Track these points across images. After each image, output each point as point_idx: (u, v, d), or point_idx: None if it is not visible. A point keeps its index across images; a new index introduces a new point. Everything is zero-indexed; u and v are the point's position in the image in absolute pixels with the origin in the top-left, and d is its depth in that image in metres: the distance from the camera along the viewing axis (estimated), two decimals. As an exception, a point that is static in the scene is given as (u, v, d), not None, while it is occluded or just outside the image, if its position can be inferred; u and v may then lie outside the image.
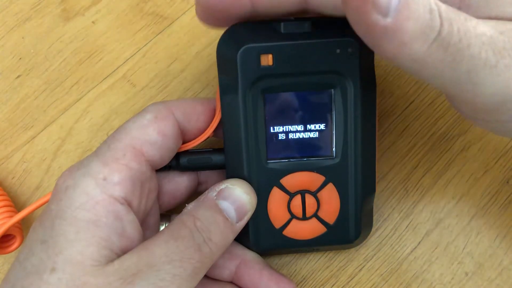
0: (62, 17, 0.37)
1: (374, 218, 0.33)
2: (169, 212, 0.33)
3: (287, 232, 0.30)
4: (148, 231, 0.30)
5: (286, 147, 0.30)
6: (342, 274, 0.34)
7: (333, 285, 0.34)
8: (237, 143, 0.29)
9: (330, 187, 0.30)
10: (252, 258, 0.31)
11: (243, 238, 0.30)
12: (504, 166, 0.35)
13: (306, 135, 0.30)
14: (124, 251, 0.26)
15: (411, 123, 0.35)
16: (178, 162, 0.30)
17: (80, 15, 0.37)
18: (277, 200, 0.30)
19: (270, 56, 0.27)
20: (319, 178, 0.30)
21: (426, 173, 0.35)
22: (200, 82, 0.36)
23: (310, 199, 0.30)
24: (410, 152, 0.35)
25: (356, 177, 0.30)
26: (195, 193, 0.32)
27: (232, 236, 0.28)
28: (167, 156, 0.29)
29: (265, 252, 0.33)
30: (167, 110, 0.29)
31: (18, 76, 0.36)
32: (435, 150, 0.35)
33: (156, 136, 0.28)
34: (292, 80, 0.28)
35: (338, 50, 0.27)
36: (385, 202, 0.35)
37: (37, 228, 0.26)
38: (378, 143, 0.35)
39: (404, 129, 0.35)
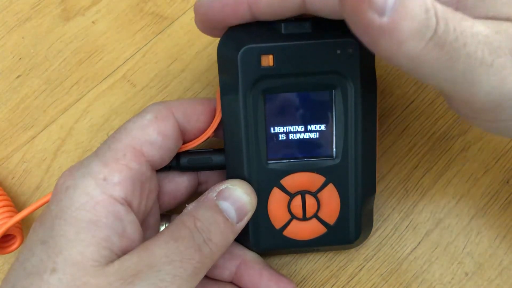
0: (62, 17, 0.37)
1: (374, 218, 0.33)
2: (169, 212, 0.33)
3: (287, 233, 0.30)
4: (148, 232, 0.30)
5: (287, 148, 0.30)
6: (342, 274, 0.34)
7: (333, 285, 0.34)
8: (238, 144, 0.29)
9: (330, 188, 0.30)
10: (252, 259, 0.31)
11: (243, 239, 0.30)
12: (504, 166, 0.35)
13: (307, 136, 0.30)
14: (124, 252, 0.26)
15: (411, 123, 0.35)
16: (178, 162, 0.30)
17: (80, 15, 0.37)
18: (277, 201, 0.30)
19: (271, 57, 0.27)
20: (319, 179, 0.30)
21: (426, 173, 0.35)
22: (200, 82, 0.36)
23: (310, 200, 0.30)
24: (410, 152, 0.35)
25: (357, 178, 0.30)
26: (195, 194, 0.32)
27: (232, 237, 0.28)
28: (167, 156, 0.29)
29: (265, 252, 0.33)
30: (167, 110, 0.29)
31: (18, 76, 0.36)
32: (435, 150, 0.35)
33: (156, 136, 0.28)
34: (293, 81, 0.28)
35: (339, 51, 0.27)
36: (385, 202, 0.35)
37: (37, 229, 0.26)
38: (378, 143, 0.35)
39: (404, 129, 0.35)
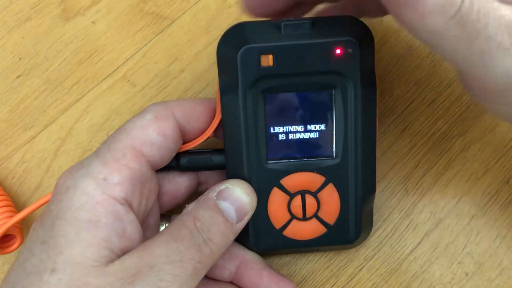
0: (62, 17, 0.37)
1: (374, 218, 0.33)
2: (169, 212, 0.33)
3: (287, 233, 0.30)
4: (148, 232, 0.30)
5: (286, 148, 0.30)
6: (342, 274, 0.34)
7: (333, 285, 0.34)
8: (237, 144, 0.29)
9: (330, 188, 0.30)
10: (252, 259, 0.31)
11: (243, 239, 0.30)
12: (504, 166, 0.35)
13: (306, 136, 0.30)
14: (124, 252, 0.26)
15: (411, 123, 0.35)
16: (178, 162, 0.30)
17: (80, 15, 0.37)
18: (277, 201, 0.30)
19: (271, 57, 0.27)
20: (319, 179, 0.30)
21: (426, 173, 0.35)
22: (200, 82, 0.36)
23: (310, 200, 0.30)
24: (410, 152, 0.35)
25: (356, 177, 0.30)
26: (195, 194, 0.32)
27: (232, 237, 0.28)
28: (167, 157, 0.29)
29: (265, 252, 0.33)
30: (167, 111, 0.29)
31: (18, 76, 0.36)
32: (435, 150, 0.35)
33: (156, 137, 0.28)
34: (293, 81, 0.28)
35: (338, 51, 0.27)
36: (385, 202, 0.35)
37: (37, 229, 0.26)
38: (378, 143, 0.35)
39: (404, 129, 0.35)
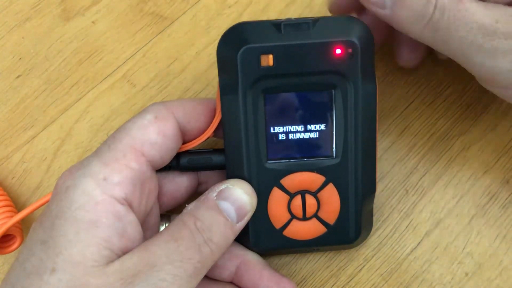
0: (62, 17, 0.37)
1: (374, 218, 0.33)
2: (169, 212, 0.33)
3: (287, 233, 0.30)
4: (148, 232, 0.30)
5: (286, 147, 0.30)
6: (342, 274, 0.34)
7: (333, 285, 0.34)
8: (238, 144, 0.29)
9: (330, 187, 0.30)
10: (252, 259, 0.31)
11: (243, 239, 0.30)
12: (504, 166, 0.35)
13: (306, 135, 0.30)
14: (125, 252, 0.26)
15: (411, 123, 0.35)
16: (179, 162, 0.30)
17: (80, 15, 0.37)
18: (277, 201, 0.30)
19: (271, 57, 0.27)
20: (319, 178, 0.30)
21: (426, 173, 0.35)
22: (200, 82, 0.36)
23: (310, 199, 0.30)
24: (410, 152, 0.35)
25: (356, 177, 0.30)
26: (195, 194, 0.32)
27: (233, 237, 0.28)
28: (168, 156, 0.29)
29: (265, 252, 0.33)
30: (167, 110, 0.29)
31: (18, 76, 0.36)
32: (435, 150, 0.35)
33: (156, 137, 0.28)
34: (292, 81, 0.28)
35: (338, 51, 0.27)
36: (385, 202, 0.35)
37: (37, 229, 0.26)
38: (378, 143, 0.35)
39: (404, 129, 0.35)
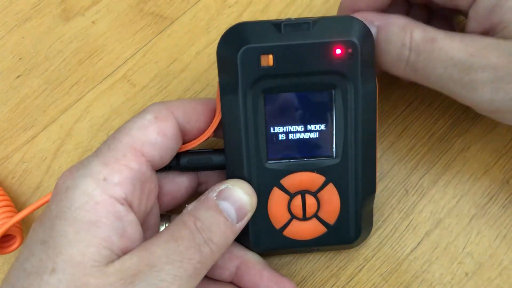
0: (62, 17, 0.37)
1: (374, 218, 0.33)
2: (169, 213, 0.33)
3: (287, 233, 0.30)
4: (148, 232, 0.30)
5: (286, 148, 0.30)
6: (342, 274, 0.34)
7: (333, 285, 0.34)
8: (238, 144, 0.29)
9: (330, 188, 0.30)
10: (253, 259, 0.31)
11: (243, 239, 0.30)
12: (504, 166, 0.35)
13: (306, 136, 0.30)
14: (125, 252, 0.26)
15: (411, 123, 0.35)
16: (179, 162, 0.30)
17: (80, 15, 0.37)
18: (277, 201, 0.30)
19: (270, 57, 0.27)
20: (319, 179, 0.30)
21: (426, 173, 0.35)
22: (200, 82, 0.36)
23: (310, 200, 0.30)
24: (410, 152, 0.35)
25: (356, 177, 0.30)
26: (195, 194, 0.32)
27: (233, 237, 0.28)
28: (168, 157, 0.29)
29: (265, 252, 0.33)
30: (167, 111, 0.29)
31: (18, 76, 0.36)
32: (435, 150, 0.35)
33: (156, 137, 0.28)
34: (292, 81, 0.28)
35: (338, 51, 0.27)
36: (385, 202, 0.35)
37: (37, 229, 0.26)
38: (378, 143, 0.35)
39: (404, 129, 0.35)
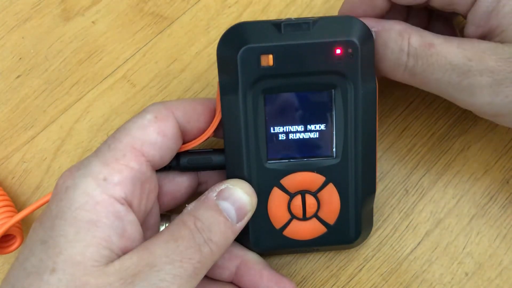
0: (62, 17, 0.37)
1: (374, 218, 0.33)
2: (169, 212, 0.33)
3: (287, 233, 0.30)
4: (148, 231, 0.30)
5: (286, 148, 0.30)
6: (342, 274, 0.34)
7: (333, 285, 0.34)
8: (238, 144, 0.29)
9: (330, 188, 0.30)
10: (252, 259, 0.31)
11: (243, 239, 0.30)
12: (504, 166, 0.35)
13: (307, 136, 0.30)
14: (125, 252, 0.26)
15: (411, 123, 0.35)
16: (179, 162, 0.30)
17: (80, 15, 0.37)
18: (277, 201, 0.30)
19: (271, 57, 0.27)
20: (320, 179, 0.30)
21: (426, 173, 0.35)
22: (200, 82, 0.36)
23: (310, 200, 0.30)
24: (410, 152, 0.35)
25: (357, 177, 0.30)
26: (195, 193, 0.32)
27: (233, 237, 0.28)
28: (167, 156, 0.29)
29: (265, 252, 0.33)
30: (167, 111, 0.29)
31: (18, 76, 0.36)
32: (435, 150, 0.35)
33: (156, 136, 0.28)
34: (293, 81, 0.28)
35: (339, 51, 0.27)
36: (385, 202, 0.35)
37: (37, 229, 0.26)
38: (378, 143, 0.35)
39: (404, 129, 0.35)
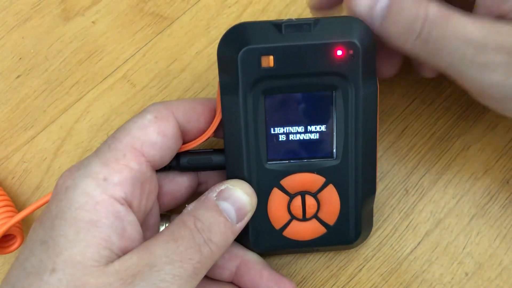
0: (62, 17, 0.37)
1: (374, 218, 0.33)
2: (169, 213, 0.33)
3: (287, 233, 0.30)
4: (148, 232, 0.30)
5: (287, 148, 0.30)
6: (342, 274, 0.34)
7: (333, 285, 0.34)
8: (238, 144, 0.29)
9: (330, 188, 0.30)
10: (252, 259, 0.31)
11: (243, 239, 0.30)
12: (504, 166, 0.35)
13: (307, 136, 0.30)
14: (124, 252, 0.26)
15: (411, 123, 0.35)
16: (179, 162, 0.30)
17: (80, 15, 0.37)
18: (277, 201, 0.30)
19: (271, 58, 0.27)
20: (319, 179, 0.30)
21: (426, 173, 0.35)
22: (200, 82, 0.36)
23: (310, 200, 0.30)
24: (410, 152, 0.35)
25: (357, 178, 0.30)
26: (195, 194, 0.32)
27: (232, 237, 0.28)
28: (168, 157, 0.29)
29: (265, 253, 0.33)
30: (167, 111, 0.29)
31: (18, 76, 0.36)
32: (435, 150, 0.35)
33: (156, 137, 0.28)
34: (293, 82, 0.28)
35: (340, 52, 0.27)
36: (385, 202, 0.35)
37: (37, 229, 0.26)
38: (378, 143, 0.35)
39: (404, 129, 0.35)
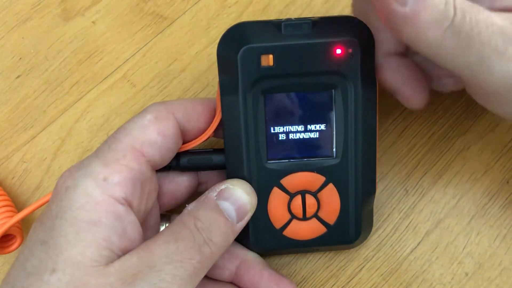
0: (62, 17, 0.37)
1: (374, 218, 0.33)
2: (169, 212, 0.33)
3: (287, 232, 0.30)
4: (148, 232, 0.30)
5: (287, 148, 0.30)
6: (342, 274, 0.34)
7: (333, 285, 0.34)
8: (238, 144, 0.29)
9: (331, 188, 0.30)
10: (252, 259, 0.31)
11: (243, 238, 0.30)
12: (504, 166, 0.35)
13: (307, 136, 0.30)
14: (125, 252, 0.26)
15: (411, 123, 0.35)
16: (179, 162, 0.30)
17: (80, 15, 0.37)
18: (277, 201, 0.30)
19: (271, 57, 0.27)
20: (320, 179, 0.30)
21: (426, 173, 0.35)
22: (200, 82, 0.36)
23: (310, 200, 0.30)
24: (410, 152, 0.35)
25: (357, 178, 0.30)
26: (196, 193, 0.32)
27: (233, 237, 0.28)
28: (168, 156, 0.29)
29: (265, 252, 0.33)
30: (167, 111, 0.29)
31: (18, 76, 0.36)
32: (435, 150, 0.35)
33: (156, 137, 0.28)
34: (293, 81, 0.28)
35: (339, 51, 0.27)
36: (385, 202, 0.35)
37: (37, 229, 0.26)
38: (378, 143, 0.35)
39: (404, 129, 0.35)
